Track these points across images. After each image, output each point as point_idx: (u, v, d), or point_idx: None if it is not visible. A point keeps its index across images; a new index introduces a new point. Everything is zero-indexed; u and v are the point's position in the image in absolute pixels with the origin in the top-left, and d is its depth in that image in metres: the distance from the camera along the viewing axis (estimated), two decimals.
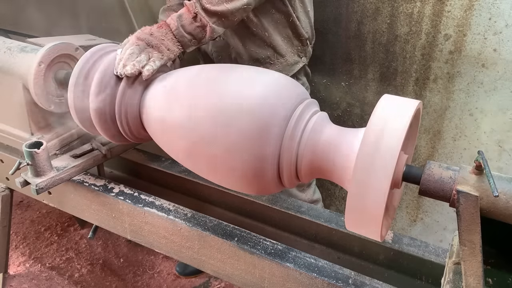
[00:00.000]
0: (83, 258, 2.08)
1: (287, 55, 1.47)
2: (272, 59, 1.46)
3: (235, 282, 1.10)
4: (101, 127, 1.06)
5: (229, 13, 1.16)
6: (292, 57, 1.48)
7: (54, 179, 1.16)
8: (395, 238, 1.13)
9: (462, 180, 0.71)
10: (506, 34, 1.45)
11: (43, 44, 1.24)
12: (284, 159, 0.86)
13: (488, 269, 0.78)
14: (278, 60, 1.46)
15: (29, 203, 2.45)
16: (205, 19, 1.12)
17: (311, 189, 1.69)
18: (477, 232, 0.69)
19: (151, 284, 1.95)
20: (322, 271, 0.97)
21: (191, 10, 1.12)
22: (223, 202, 1.37)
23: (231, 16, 1.17)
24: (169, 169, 1.43)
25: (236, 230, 1.09)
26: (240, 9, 1.17)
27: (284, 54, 1.46)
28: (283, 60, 1.47)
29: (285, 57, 1.46)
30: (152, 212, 1.16)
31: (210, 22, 1.13)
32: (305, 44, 1.49)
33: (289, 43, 1.46)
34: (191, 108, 0.91)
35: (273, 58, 1.46)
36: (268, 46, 1.44)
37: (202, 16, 1.12)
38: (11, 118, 1.30)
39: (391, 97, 0.79)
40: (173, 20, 1.11)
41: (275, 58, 1.46)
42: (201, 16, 1.12)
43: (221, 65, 1.04)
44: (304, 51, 1.51)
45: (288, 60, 1.47)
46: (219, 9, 1.13)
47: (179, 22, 1.11)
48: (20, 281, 1.93)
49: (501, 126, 1.57)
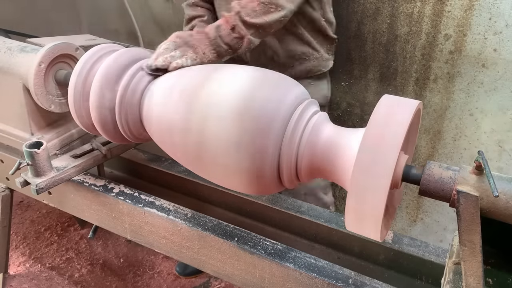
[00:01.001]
0: (83, 258, 2.08)
1: (321, 50, 1.52)
2: (307, 54, 1.51)
3: (235, 282, 1.10)
4: (101, 127, 1.06)
5: (267, 25, 1.19)
6: (325, 53, 1.53)
7: (54, 179, 1.16)
8: (395, 238, 1.13)
9: (462, 180, 0.71)
10: (506, 34, 1.45)
11: (43, 44, 1.24)
12: (284, 159, 0.86)
13: (488, 269, 0.78)
14: (313, 55, 1.51)
15: (29, 203, 2.45)
16: (243, 31, 1.15)
17: (331, 191, 1.74)
18: (477, 232, 0.69)
19: (151, 284, 1.95)
20: (322, 271, 0.97)
21: (229, 22, 1.14)
22: (223, 202, 1.37)
23: (268, 28, 1.20)
24: (169, 169, 1.43)
25: (236, 230, 1.09)
26: (277, 21, 1.20)
27: (319, 50, 1.51)
28: (319, 55, 1.52)
29: (319, 52, 1.52)
30: (152, 212, 1.16)
31: (248, 33, 1.16)
32: (333, 43, 1.55)
33: (322, 41, 1.51)
34: (191, 108, 0.91)
35: (308, 54, 1.51)
36: (304, 43, 1.48)
37: (240, 29, 1.14)
38: (11, 118, 1.30)
39: (391, 97, 0.79)
40: (211, 30, 1.13)
41: (310, 54, 1.51)
42: (240, 29, 1.14)
43: (220, 65, 1.04)
44: (332, 50, 1.57)
45: (323, 55, 1.53)
46: (258, 22, 1.16)
47: (217, 33, 1.13)
48: (20, 281, 1.93)
49: (501, 126, 1.57)
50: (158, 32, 2.19)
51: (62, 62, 1.25)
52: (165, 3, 2.11)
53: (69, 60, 1.26)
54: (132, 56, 1.06)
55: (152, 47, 1.14)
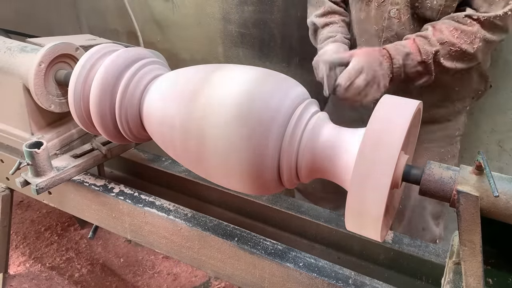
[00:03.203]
0: (83, 258, 2.08)
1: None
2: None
3: (235, 282, 1.10)
4: (101, 127, 1.06)
5: (452, 71, 1.14)
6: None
7: (54, 179, 1.16)
8: (395, 238, 1.13)
9: (463, 180, 0.71)
10: None
11: (43, 44, 1.24)
12: (284, 159, 0.86)
13: (488, 269, 0.78)
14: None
15: (29, 203, 2.45)
16: (431, 70, 1.10)
17: (443, 223, 1.60)
18: (477, 232, 0.69)
19: (151, 284, 1.95)
20: (322, 271, 0.97)
21: (422, 56, 1.09)
22: (223, 202, 1.37)
23: (450, 72, 1.15)
24: (169, 169, 1.43)
25: (236, 230, 1.09)
26: (463, 69, 1.15)
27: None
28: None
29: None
30: (152, 212, 1.16)
31: (433, 73, 1.11)
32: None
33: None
34: (191, 108, 0.91)
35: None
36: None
37: (430, 67, 1.09)
38: (11, 118, 1.30)
39: (392, 97, 0.79)
40: (399, 55, 1.08)
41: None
42: (430, 67, 1.09)
43: (220, 65, 1.04)
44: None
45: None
46: (448, 66, 1.12)
47: (404, 61, 1.07)
48: (20, 281, 1.93)
49: (502, 126, 1.57)
50: (158, 32, 2.19)
51: (62, 62, 1.25)
52: (165, 3, 2.11)
53: (69, 60, 1.26)
54: (132, 56, 1.06)
55: (152, 47, 1.13)
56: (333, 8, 1.31)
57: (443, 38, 1.09)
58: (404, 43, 1.11)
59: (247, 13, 1.89)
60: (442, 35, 1.09)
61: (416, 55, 1.08)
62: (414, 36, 1.13)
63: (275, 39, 1.89)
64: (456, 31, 1.09)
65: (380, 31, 1.25)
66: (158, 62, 1.12)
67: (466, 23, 1.09)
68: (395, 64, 1.06)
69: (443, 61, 1.09)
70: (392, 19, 1.20)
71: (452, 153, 1.45)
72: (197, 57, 2.15)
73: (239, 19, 1.92)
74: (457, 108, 1.38)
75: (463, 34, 1.09)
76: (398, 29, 1.21)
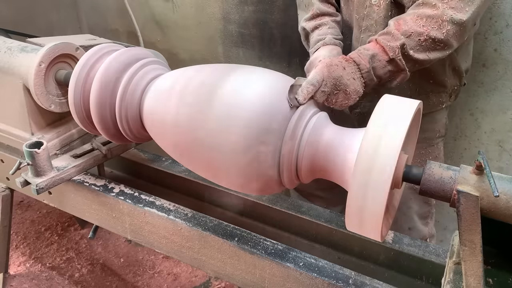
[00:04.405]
0: (83, 258, 2.08)
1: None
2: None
3: (236, 282, 1.10)
4: (101, 127, 1.07)
5: (426, 62, 1.07)
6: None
7: (55, 179, 1.16)
8: (396, 238, 1.13)
9: (463, 180, 0.71)
10: (507, 34, 1.45)
11: (43, 44, 1.24)
12: (284, 159, 0.86)
13: (489, 269, 0.78)
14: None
15: (30, 203, 2.45)
16: (402, 66, 1.03)
17: (432, 222, 1.53)
18: (478, 232, 0.69)
19: (151, 284, 1.95)
20: (322, 271, 0.97)
21: (388, 53, 1.02)
22: (223, 202, 1.37)
23: (425, 64, 1.08)
24: (169, 169, 1.43)
25: (237, 230, 1.09)
26: (437, 59, 1.08)
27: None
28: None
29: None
30: (152, 212, 1.16)
31: (406, 68, 1.04)
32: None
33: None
34: (191, 108, 0.91)
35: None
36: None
37: (401, 63, 1.02)
38: (11, 118, 1.30)
39: (392, 97, 0.79)
40: (363, 60, 1.01)
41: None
42: (400, 63, 1.02)
43: (220, 65, 1.04)
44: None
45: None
46: (420, 58, 1.04)
47: (371, 64, 1.01)
48: (21, 281, 1.93)
49: (502, 126, 1.57)
50: (158, 32, 2.19)
51: (62, 62, 1.25)
52: (165, 3, 2.11)
53: (69, 60, 1.26)
54: (132, 56, 1.06)
55: (152, 47, 1.13)
56: (321, 10, 1.27)
57: (408, 30, 1.03)
58: (367, 46, 1.06)
59: (247, 13, 1.89)
60: (406, 26, 1.04)
61: (381, 55, 1.03)
62: (376, 36, 1.07)
63: (275, 39, 1.89)
64: (421, 19, 1.03)
65: (360, 20, 1.22)
66: (158, 62, 1.12)
67: (430, 6, 1.04)
68: (362, 69, 1.00)
69: (414, 54, 1.03)
70: (373, 7, 1.17)
71: (433, 154, 1.40)
72: (197, 57, 2.15)
73: (239, 19, 1.92)
74: (432, 102, 1.33)
75: (429, 20, 1.03)
76: (377, 17, 1.17)
